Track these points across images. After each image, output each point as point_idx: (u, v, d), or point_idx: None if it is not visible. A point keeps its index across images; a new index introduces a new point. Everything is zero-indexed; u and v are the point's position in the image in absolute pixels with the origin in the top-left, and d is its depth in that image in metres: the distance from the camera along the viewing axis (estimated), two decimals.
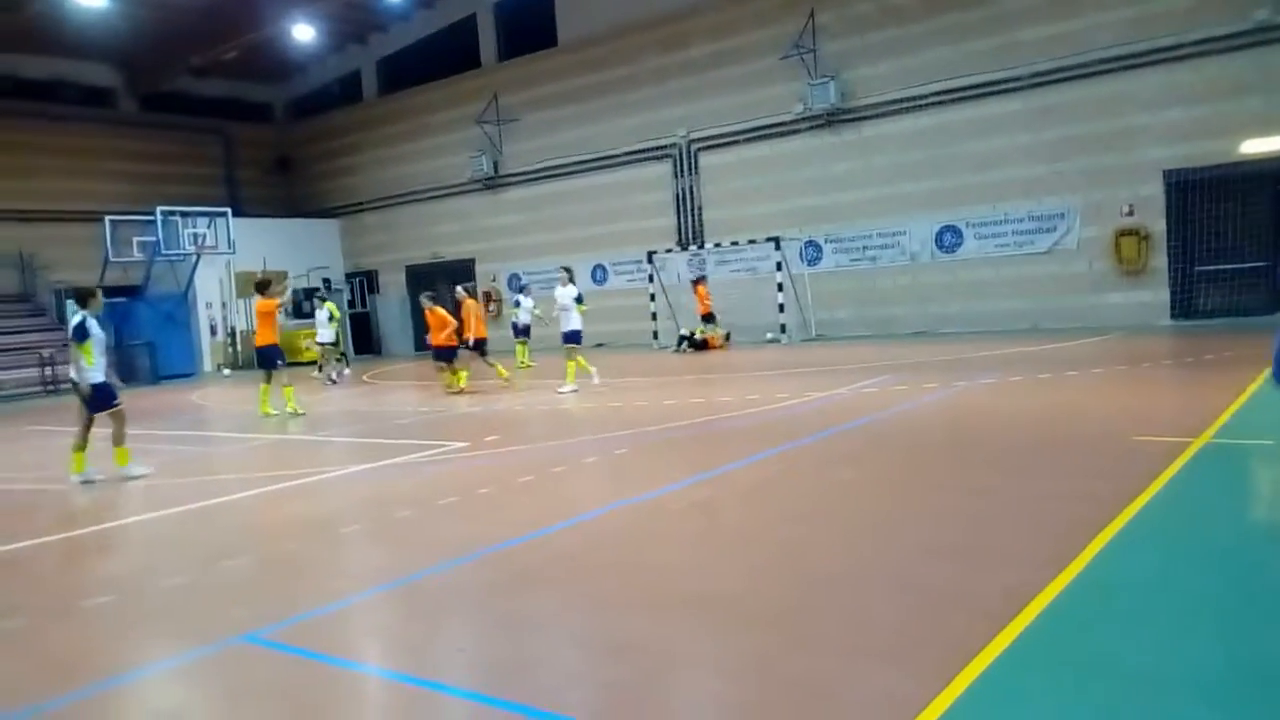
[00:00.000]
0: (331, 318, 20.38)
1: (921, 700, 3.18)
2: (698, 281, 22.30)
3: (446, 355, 15.57)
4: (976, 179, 20.05)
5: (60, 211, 26.97)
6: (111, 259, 25.06)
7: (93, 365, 8.99)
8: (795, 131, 22.39)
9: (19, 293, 26.38)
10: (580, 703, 3.47)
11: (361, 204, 31.81)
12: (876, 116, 21.27)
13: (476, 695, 3.65)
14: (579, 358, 14.67)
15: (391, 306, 31.17)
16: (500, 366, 16.00)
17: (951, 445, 8.17)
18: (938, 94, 20.36)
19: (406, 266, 30.68)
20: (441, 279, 29.57)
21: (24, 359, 23.44)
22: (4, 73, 26.83)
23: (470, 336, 15.57)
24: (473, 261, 28.88)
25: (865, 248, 21.69)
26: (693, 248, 23.98)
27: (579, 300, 14.55)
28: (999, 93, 19.71)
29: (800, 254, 22.40)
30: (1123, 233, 18.62)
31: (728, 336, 21.84)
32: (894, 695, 3.29)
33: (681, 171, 24.46)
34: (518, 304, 20.94)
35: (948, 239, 20.62)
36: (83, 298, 9.31)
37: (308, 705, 3.72)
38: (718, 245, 23.39)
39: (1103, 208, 18.73)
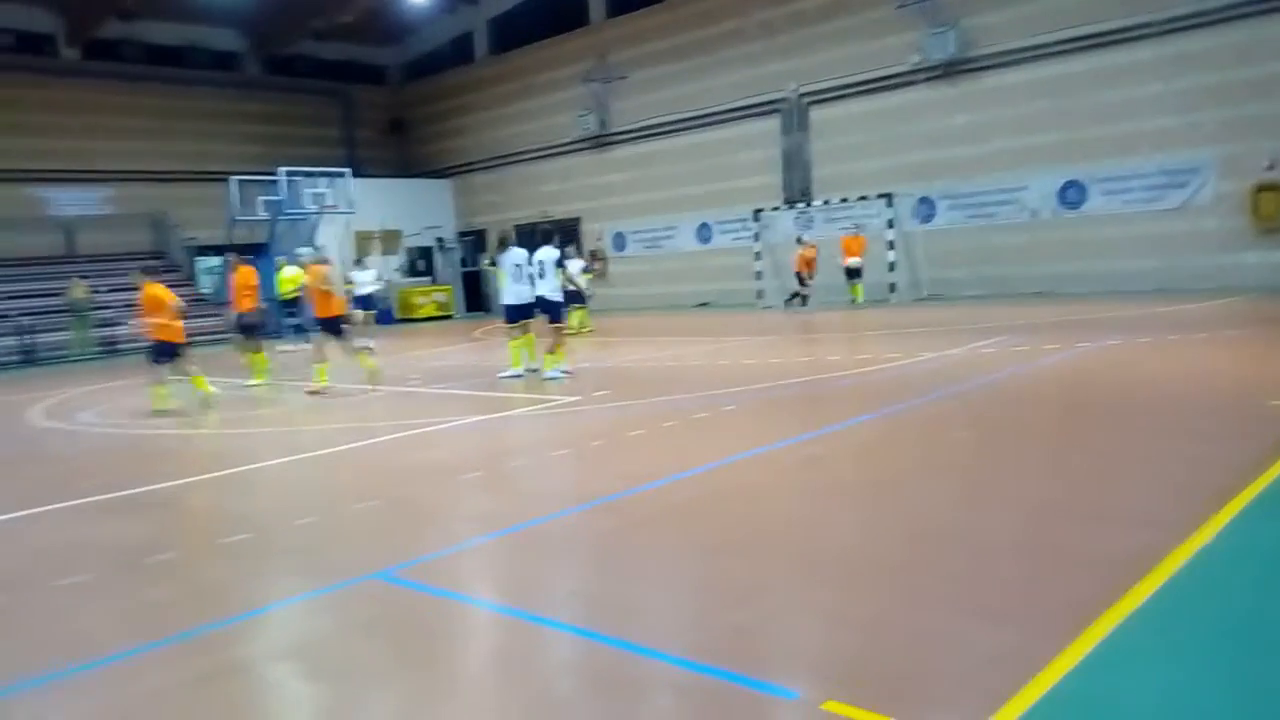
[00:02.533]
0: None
1: (1041, 660, 3.13)
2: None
3: (250, 329, 14.02)
4: (1103, 131, 19.06)
5: (191, 172, 28.32)
6: (237, 218, 26.20)
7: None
8: (911, 83, 21.67)
9: (154, 250, 27.88)
10: (692, 645, 3.55)
11: (472, 164, 32.35)
12: (997, 67, 20.40)
13: (589, 633, 3.76)
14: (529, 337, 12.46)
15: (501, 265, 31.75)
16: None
17: (1074, 406, 7.91)
18: (1062, 42, 19.37)
19: (515, 225, 31.09)
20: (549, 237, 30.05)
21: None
22: (137, 39, 28.18)
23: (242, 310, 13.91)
24: (579, 220, 29.11)
25: (983, 204, 20.94)
26: (800, 205, 23.60)
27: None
28: (1128, 40, 18.62)
29: (913, 211, 21.81)
30: (1263, 188, 17.46)
31: (803, 300, 20.86)
32: (1012, 654, 3.25)
33: (790, 127, 24.01)
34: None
35: (1071, 195, 19.73)
36: (504, 241, 12.06)
37: (435, 637, 3.91)
38: (826, 203, 22.97)
39: (1241, 161, 17.57)
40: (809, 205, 23.37)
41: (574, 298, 16.50)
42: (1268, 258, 17.43)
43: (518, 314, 12.14)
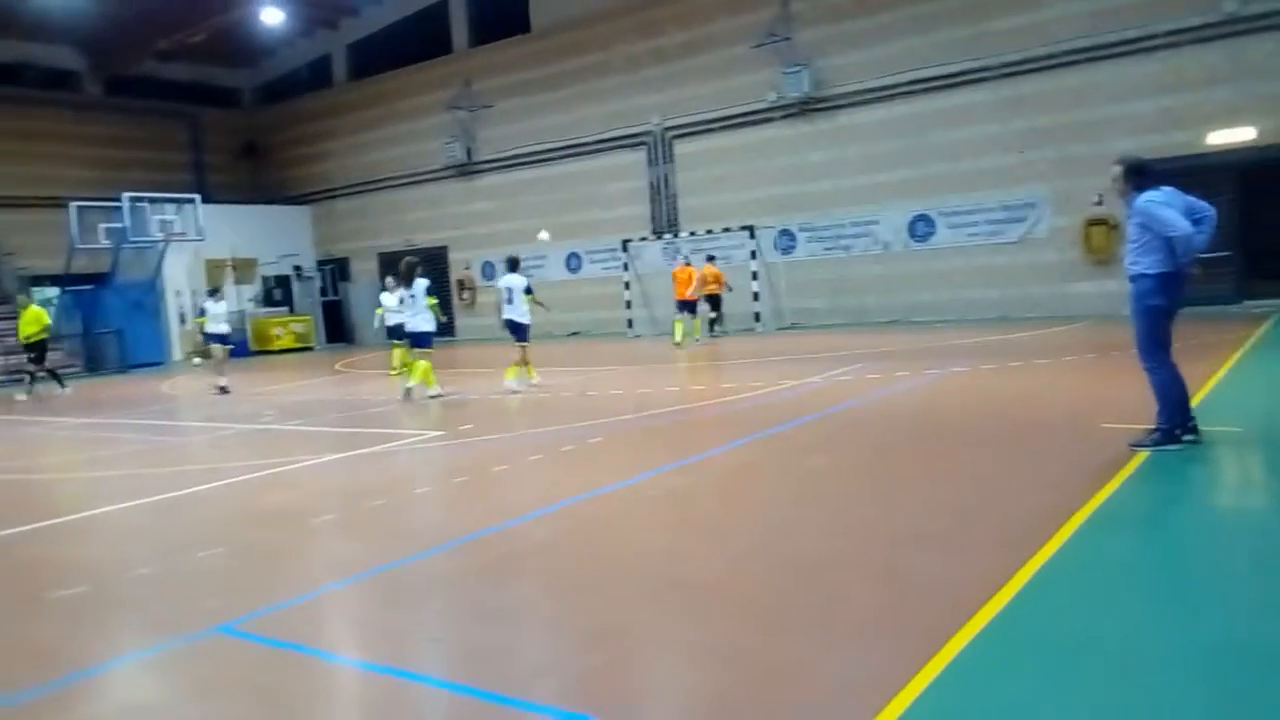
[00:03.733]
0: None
1: (899, 681, 3.21)
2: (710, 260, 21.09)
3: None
4: (948, 168, 20.19)
5: (24, 197, 26.54)
6: (78, 246, 24.65)
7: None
8: (769, 120, 22.42)
9: None
10: (556, 691, 3.48)
11: (333, 190, 31.51)
12: (849, 105, 21.34)
13: (451, 684, 3.64)
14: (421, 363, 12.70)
15: (364, 294, 30.91)
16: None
17: (922, 433, 8.25)
18: (910, 83, 20.47)
19: (379, 254, 30.43)
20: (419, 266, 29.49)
21: None
22: None
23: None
24: (445, 249, 28.69)
25: (839, 237, 21.80)
26: (667, 236, 23.96)
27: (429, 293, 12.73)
28: (969, 82, 19.85)
29: (774, 243, 22.47)
30: (1092, 222, 18.83)
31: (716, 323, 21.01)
32: (872, 677, 3.32)
33: (656, 159, 24.41)
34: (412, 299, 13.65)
35: (920, 228, 20.77)
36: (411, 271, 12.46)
37: (283, 696, 3.69)
38: (693, 234, 23.40)
39: (1072, 197, 18.92)
40: (676, 236, 23.75)
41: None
42: (1101, 287, 18.74)
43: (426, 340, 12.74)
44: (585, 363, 16.25)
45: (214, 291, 17.29)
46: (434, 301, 12.92)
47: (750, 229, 22.12)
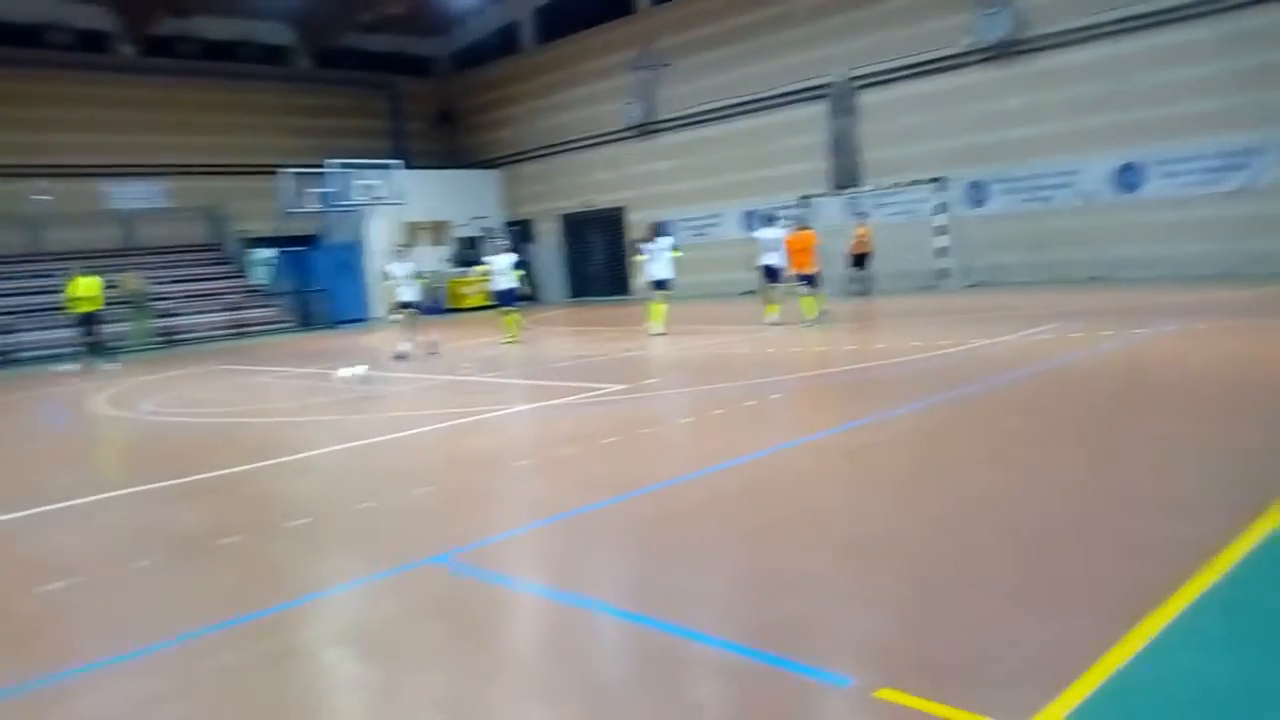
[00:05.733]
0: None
1: (1097, 649, 3.11)
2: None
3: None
4: (1159, 113, 18.58)
5: (244, 165, 28.83)
6: (289, 210, 26.63)
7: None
8: (963, 65, 21.32)
9: (208, 243, 28.48)
10: (745, 631, 3.57)
11: (518, 154, 32.52)
12: (1051, 48, 19.98)
13: (642, 617, 3.81)
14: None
15: (548, 254, 31.90)
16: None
17: (1128, 394, 7.77)
18: (1117, 22, 18.90)
19: (562, 215, 31.26)
20: (597, 227, 30.15)
21: (212, 304, 25.40)
22: (192, 35, 28.74)
23: None
24: (623, 210, 29.13)
25: (1037, 188, 20.56)
26: (849, 190, 23.36)
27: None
28: (1184, 19, 18.12)
29: (964, 195, 21.49)
30: None
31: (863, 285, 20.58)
32: (1068, 642, 3.23)
33: (838, 111, 23.77)
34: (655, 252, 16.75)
35: (1127, 177, 19.28)
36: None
37: (491, 620, 3.99)
38: (876, 188, 22.72)
39: None
40: (858, 190, 23.13)
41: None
42: None
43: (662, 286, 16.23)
44: (762, 321, 16.16)
45: (400, 253, 16.91)
46: (678, 253, 16.09)
47: (939, 181, 21.23)
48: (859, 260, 20.82)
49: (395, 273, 16.20)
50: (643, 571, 4.45)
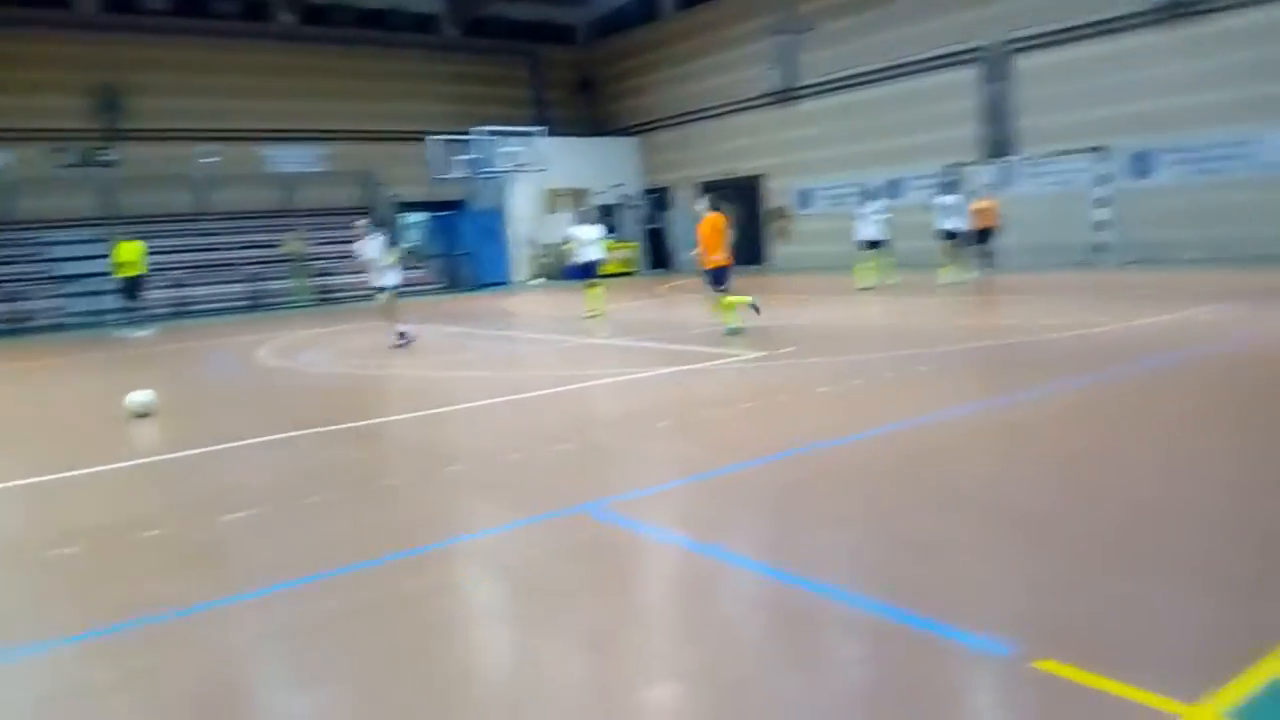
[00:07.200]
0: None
1: (1271, 639, 2.96)
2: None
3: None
4: None
5: (393, 131, 29.90)
6: (436, 176, 27.51)
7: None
8: (1131, 27, 20.02)
9: (362, 206, 29.75)
10: (892, 593, 3.55)
11: (656, 122, 32.56)
12: (1226, 9, 18.54)
13: (777, 571, 3.86)
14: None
15: (684, 222, 31.91)
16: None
17: None
18: None
19: (698, 183, 31.19)
20: (729, 195, 29.92)
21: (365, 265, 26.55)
22: (345, 3, 29.92)
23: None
24: (761, 178, 28.81)
25: (1208, 159, 19.19)
26: (1000, 159, 22.40)
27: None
28: None
29: (1127, 166, 20.27)
30: None
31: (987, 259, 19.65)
32: (1239, 628, 3.08)
33: (992, 76, 22.76)
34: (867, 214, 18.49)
35: None
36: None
37: (634, 567, 4.10)
38: (1029, 157, 21.71)
39: None
40: (1010, 159, 22.15)
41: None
42: None
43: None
44: (902, 292, 15.79)
45: (575, 217, 17.12)
46: (889, 215, 17.15)
47: (1099, 150, 20.10)
48: (983, 235, 19.47)
49: (578, 235, 16.42)
50: (786, 530, 4.47)
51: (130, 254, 18.07)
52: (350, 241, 14.88)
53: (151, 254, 19.07)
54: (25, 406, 10.56)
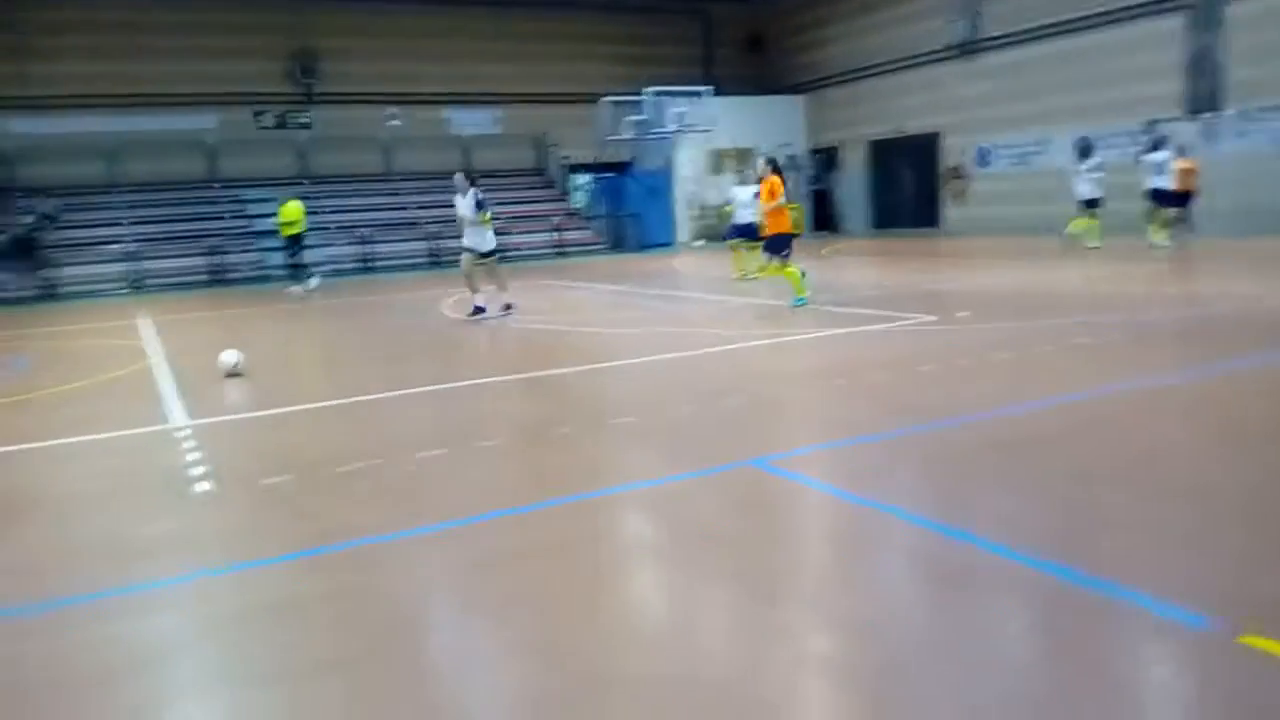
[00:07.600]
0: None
1: None
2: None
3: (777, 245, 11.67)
4: None
5: (564, 93, 30.42)
6: (606, 137, 27.85)
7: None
8: None
9: (535, 168, 30.54)
10: (1081, 560, 3.42)
11: (826, 79, 31.71)
12: None
13: (943, 527, 3.82)
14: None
15: (852, 183, 31.13)
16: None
17: None
18: None
19: (869, 142, 30.27)
20: (907, 154, 28.91)
21: (538, 225, 27.30)
22: None
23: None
24: (938, 135, 27.66)
25: None
26: (1206, 115, 20.61)
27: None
28: None
29: None
30: None
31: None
32: None
33: (1200, 25, 20.91)
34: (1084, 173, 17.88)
35: None
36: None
37: (801, 518, 4.11)
38: (1239, 112, 19.87)
39: None
40: (1216, 115, 20.35)
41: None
42: None
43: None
44: (1089, 258, 14.88)
45: (743, 178, 16.70)
46: (1102, 174, 16.99)
47: None
48: (1181, 198, 17.64)
49: (738, 196, 16.07)
50: (969, 495, 4.37)
51: (293, 213, 18.30)
52: (522, 202, 15.22)
53: (340, 212, 20.27)
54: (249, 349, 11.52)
